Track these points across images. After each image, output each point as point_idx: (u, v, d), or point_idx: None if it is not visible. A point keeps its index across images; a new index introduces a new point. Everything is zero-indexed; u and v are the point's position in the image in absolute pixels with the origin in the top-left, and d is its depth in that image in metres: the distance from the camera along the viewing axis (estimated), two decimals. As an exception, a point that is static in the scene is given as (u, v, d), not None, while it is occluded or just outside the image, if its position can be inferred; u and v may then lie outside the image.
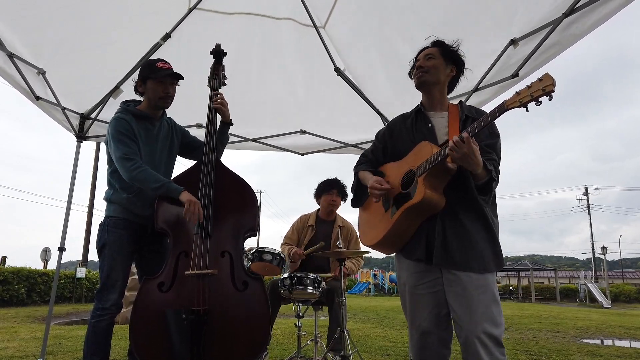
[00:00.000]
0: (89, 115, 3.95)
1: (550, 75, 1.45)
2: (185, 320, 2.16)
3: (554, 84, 1.44)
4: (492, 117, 1.60)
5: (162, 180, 2.37)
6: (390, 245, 2.00)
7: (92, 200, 19.98)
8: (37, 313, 9.52)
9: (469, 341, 1.68)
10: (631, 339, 7.04)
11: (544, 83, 1.46)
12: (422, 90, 2.04)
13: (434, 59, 1.99)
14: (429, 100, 2.04)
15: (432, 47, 2.04)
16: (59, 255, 3.70)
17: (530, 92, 1.48)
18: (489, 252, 1.79)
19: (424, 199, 1.75)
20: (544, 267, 36.11)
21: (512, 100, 1.54)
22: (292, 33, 3.63)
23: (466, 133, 1.64)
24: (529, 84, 1.50)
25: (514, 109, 1.55)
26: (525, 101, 1.50)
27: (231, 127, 2.77)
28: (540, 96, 1.46)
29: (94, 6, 3.13)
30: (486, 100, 3.35)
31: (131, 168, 2.34)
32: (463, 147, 1.62)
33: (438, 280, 1.83)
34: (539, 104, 1.49)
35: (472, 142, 1.63)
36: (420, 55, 2.04)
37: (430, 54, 2.01)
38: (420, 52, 2.06)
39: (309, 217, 3.98)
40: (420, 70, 1.99)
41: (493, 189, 1.80)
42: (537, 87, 1.47)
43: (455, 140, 1.64)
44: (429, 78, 1.98)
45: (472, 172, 1.72)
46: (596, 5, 2.35)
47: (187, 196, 2.34)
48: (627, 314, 15.47)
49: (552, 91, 1.45)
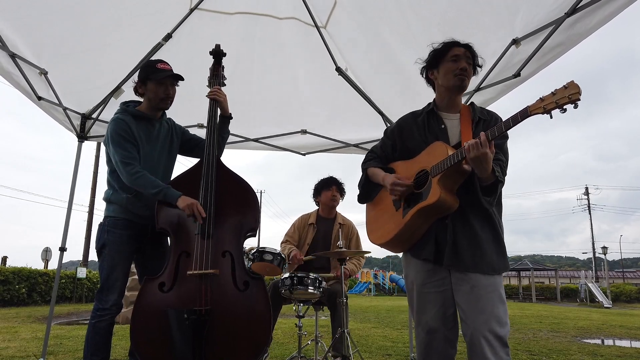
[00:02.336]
0: (90, 116, 3.95)
1: (576, 83, 1.42)
2: (187, 320, 2.15)
3: (580, 91, 1.41)
4: (513, 122, 1.57)
5: (160, 185, 2.37)
6: (400, 245, 1.99)
7: (93, 200, 19.99)
8: (37, 313, 9.53)
9: (475, 339, 1.68)
10: (632, 339, 7.03)
11: (569, 91, 1.42)
12: (454, 92, 1.94)
13: (471, 65, 1.92)
14: (449, 102, 1.97)
15: (465, 48, 1.92)
16: (59, 255, 3.70)
17: (556, 99, 1.45)
18: (497, 254, 1.79)
19: (439, 200, 1.74)
20: (545, 267, 36.09)
21: (536, 106, 1.50)
22: (293, 33, 3.63)
23: (484, 136, 1.61)
24: (553, 90, 1.47)
25: (537, 115, 1.51)
26: (549, 108, 1.46)
27: (232, 127, 2.77)
28: (565, 104, 1.43)
29: (95, 6, 3.12)
30: (488, 100, 3.35)
31: (130, 172, 2.34)
32: (481, 149, 1.60)
33: (446, 280, 1.83)
34: (563, 112, 1.46)
35: (489, 146, 1.61)
36: (461, 53, 1.89)
37: (470, 57, 1.92)
38: (454, 46, 1.91)
39: (309, 216, 3.99)
40: (465, 73, 1.88)
41: (498, 190, 1.79)
42: (563, 95, 1.44)
43: (472, 143, 1.61)
44: (468, 83, 1.92)
45: (479, 174, 1.71)
46: (599, 5, 2.35)
47: (184, 202, 2.33)
48: (627, 313, 15.46)
49: (577, 99, 1.41)
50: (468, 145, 1.63)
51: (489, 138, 1.61)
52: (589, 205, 39.73)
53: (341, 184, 3.94)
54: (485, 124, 1.90)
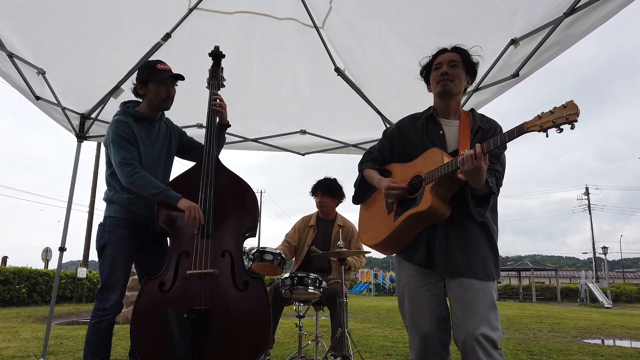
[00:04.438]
0: (89, 115, 3.95)
1: (575, 103, 1.40)
2: (187, 320, 2.16)
3: (578, 113, 1.39)
4: (509, 137, 1.55)
5: (161, 187, 2.38)
6: (391, 247, 1.99)
7: (93, 200, 19.99)
8: (38, 313, 9.53)
9: (467, 343, 1.68)
10: (632, 339, 7.03)
11: (567, 111, 1.41)
12: (443, 98, 1.95)
13: (458, 67, 1.91)
14: (445, 108, 1.97)
15: (453, 52, 1.94)
16: (59, 255, 3.70)
17: (553, 118, 1.43)
18: (490, 260, 1.79)
19: (431, 207, 1.73)
20: (545, 267, 36.06)
21: (533, 123, 1.49)
22: (292, 33, 3.63)
23: (479, 149, 1.59)
24: (551, 108, 1.46)
25: (533, 132, 1.50)
26: (546, 127, 1.45)
27: (232, 127, 2.78)
28: (562, 124, 1.42)
29: (94, 6, 3.12)
30: (486, 100, 3.35)
31: (130, 173, 2.34)
32: (475, 163, 1.59)
33: (439, 283, 1.83)
34: (559, 132, 1.44)
35: (484, 159, 1.59)
36: (443, 59, 1.93)
37: (455, 61, 1.92)
38: (440, 54, 1.96)
39: (310, 218, 4.00)
40: (446, 77, 1.90)
41: (491, 202, 1.77)
42: (560, 114, 1.42)
43: (467, 155, 1.60)
44: (454, 88, 1.91)
45: (473, 185, 1.69)
46: (596, 5, 2.35)
47: (185, 203, 2.34)
48: (628, 313, 15.45)
49: (575, 120, 1.40)
50: (462, 158, 1.61)
51: (484, 151, 1.60)
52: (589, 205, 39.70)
53: (331, 186, 3.88)
54: (484, 133, 1.89)
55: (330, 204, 3.90)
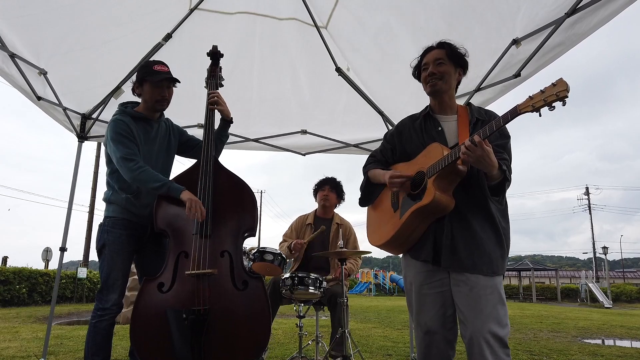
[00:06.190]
0: (90, 116, 3.95)
1: (564, 80, 1.43)
2: (186, 320, 2.16)
3: (568, 89, 1.42)
4: (504, 121, 1.59)
5: (163, 179, 2.38)
6: (398, 246, 1.99)
7: (93, 201, 19.99)
8: (38, 313, 9.53)
9: (474, 341, 1.68)
10: (632, 339, 7.03)
11: (557, 88, 1.44)
12: (435, 96, 1.99)
13: (444, 64, 1.93)
14: (439, 104, 2.01)
15: (438, 48, 1.97)
16: (60, 255, 3.70)
17: (544, 97, 1.46)
18: (497, 255, 1.79)
19: (434, 200, 1.75)
20: (545, 267, 36.06)
21: (525, 104, 1.52)
22: (293, 33, 3.63)
23: (477, 136, 1.62)
24: (542, 88, 1.48)
25: (526, 113, 1.52)
26: (538, 106, 1.48)
27: (232, 127, 2.77)
28: (553, 101, 1.44)
29: (95, 6, 3.12)
30: (489, 100, 3.34)
31: (133, 168, 2.34)
32: (476, 151, 1.61)
33: (445, 280, 1.83)
34: (552, 109, 1.47)
35: (484, 145, 1.62)
36: (429, 59, 1.96)
37: (440, 58, 1.93)
38: (426, 53, 2.00)
39: (307, 217, 4.02)
40: (434, 77, 1.93)
41: (506, 189, 1.79)
42: (551, 92, 1.44)
43: (467, 144, 1.62)
44: (442, 86, 1.94)
45: (487, 173, 1.71)
46: (599, 5, 2.35)
47: (188, 195, 2.34)
48: (628, 313, 15.45)
49: (565, 97, 1.42)
50: (463, 152, 1.64)
51: (482, 137, 1.63)
52: (589, 205, 39.69)
53: (337, 184, 3.97)
54: (482, 124, 1.90)
55: (333, 201, 3.95)
